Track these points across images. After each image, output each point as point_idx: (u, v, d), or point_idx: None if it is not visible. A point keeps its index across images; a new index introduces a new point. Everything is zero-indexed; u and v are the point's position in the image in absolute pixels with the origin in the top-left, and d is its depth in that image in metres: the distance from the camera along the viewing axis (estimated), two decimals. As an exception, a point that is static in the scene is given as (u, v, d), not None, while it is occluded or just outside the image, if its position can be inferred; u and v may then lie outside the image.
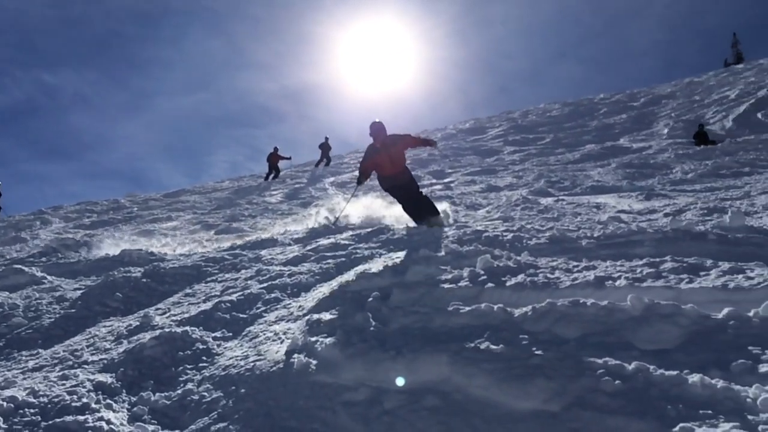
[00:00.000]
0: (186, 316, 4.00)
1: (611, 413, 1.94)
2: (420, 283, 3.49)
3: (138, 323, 3.96)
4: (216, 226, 10.44)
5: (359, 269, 4.26)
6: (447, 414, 2.24)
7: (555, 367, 2.23)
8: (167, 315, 4.17)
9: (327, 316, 3.37)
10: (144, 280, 5.11)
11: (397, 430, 2.24)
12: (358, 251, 5.03)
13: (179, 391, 2.94)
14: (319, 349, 2.90)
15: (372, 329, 2.99)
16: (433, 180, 12.96)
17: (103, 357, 3.48)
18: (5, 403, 2.77)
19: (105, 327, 4.16)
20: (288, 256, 5.38)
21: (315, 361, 2.82)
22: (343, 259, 4.83)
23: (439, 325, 2.87)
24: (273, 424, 2.50)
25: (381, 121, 6.31)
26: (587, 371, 2.15)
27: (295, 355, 2.91)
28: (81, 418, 2.64)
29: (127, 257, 6.32)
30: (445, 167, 15.08)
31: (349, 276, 4.10)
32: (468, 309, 2.90)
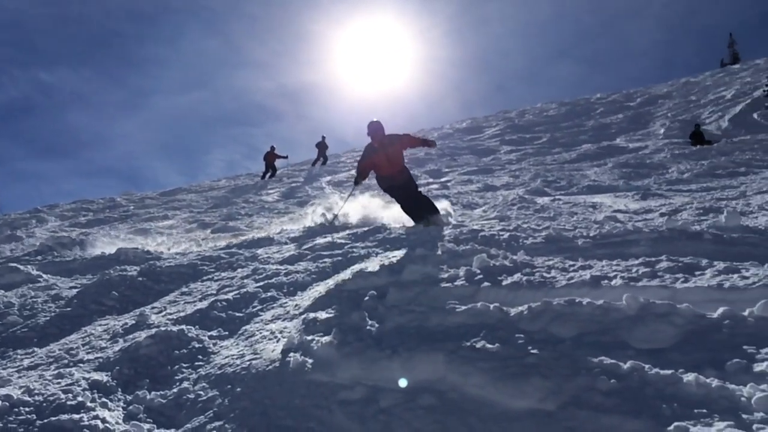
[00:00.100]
0: (182, 314, 3.99)
1: (606, 412, 1.95)
2: (416, 282, 3.49)
3: (134, 322, 3.95)
4: (212, 224, 10.41)
5: (356, 268, 4.26)
6: (443, 413, 2.24)
7: (551, 366, 2.24)
8: (163, 314, 4.16)
9: (323, 314, 3.37)
10: (140, 278, 5.10)
11: (393, 428, 2.24)
12: (354, 250, 5.03)
13: (175, 390, 2.93)
14: (315, 348, 2.90)
15: (368, 328, 2.99)
16: (430, 179, 12.97)
17: (99, 355, 3.47)
18: (0, 402, 2.75)
19: (101, 325, 4.14)
20: (284, 254, 5.37)
21: (311, 360, 2.82)
22: (340, 258, 4.82)
23: (436, 324, 2.87)
24: (269, 422, 2.49)
25: (379, 121, 6.27)
26: (583, 370, 2.16)
27: (291, 354, 2.91)
28: (76, 416, 2.63)
29: (123, 256, 6.30)
30: (442, 167, 15.10)
31: (346, 275, 4.10)
32: (464, 308, 2.90)
